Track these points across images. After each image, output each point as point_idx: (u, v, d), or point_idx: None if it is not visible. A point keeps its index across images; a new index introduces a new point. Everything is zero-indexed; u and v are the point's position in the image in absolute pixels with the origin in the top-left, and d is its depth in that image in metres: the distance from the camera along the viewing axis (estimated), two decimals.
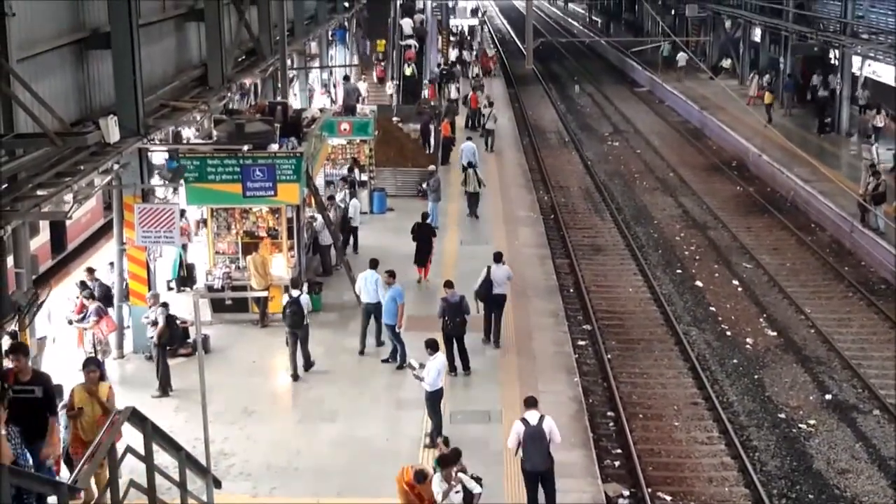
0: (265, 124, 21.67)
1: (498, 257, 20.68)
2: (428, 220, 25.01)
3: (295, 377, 18.53)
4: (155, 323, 17.88)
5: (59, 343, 18.23)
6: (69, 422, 13.31)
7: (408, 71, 43.26)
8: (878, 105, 37.86)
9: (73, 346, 18.37)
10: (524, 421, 13.53)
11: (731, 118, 44.14)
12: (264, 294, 20.80)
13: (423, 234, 24.16)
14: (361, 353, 19.69)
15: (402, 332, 19.00)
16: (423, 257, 23.94)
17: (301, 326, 18.64)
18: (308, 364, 18.86)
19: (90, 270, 19.70)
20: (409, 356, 16.87)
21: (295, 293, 18.89)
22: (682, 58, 58.85)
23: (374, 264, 20.35)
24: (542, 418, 13.53)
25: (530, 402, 13.74)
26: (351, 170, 29.15)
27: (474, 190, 29.79)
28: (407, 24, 47.15)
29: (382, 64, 44.02)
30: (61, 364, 17.11)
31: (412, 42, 46.46)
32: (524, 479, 13.81)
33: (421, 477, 12.71)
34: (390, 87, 41.79)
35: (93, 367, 13.72)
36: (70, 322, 18.38)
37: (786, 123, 42.50)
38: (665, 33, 62.01)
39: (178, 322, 18.60)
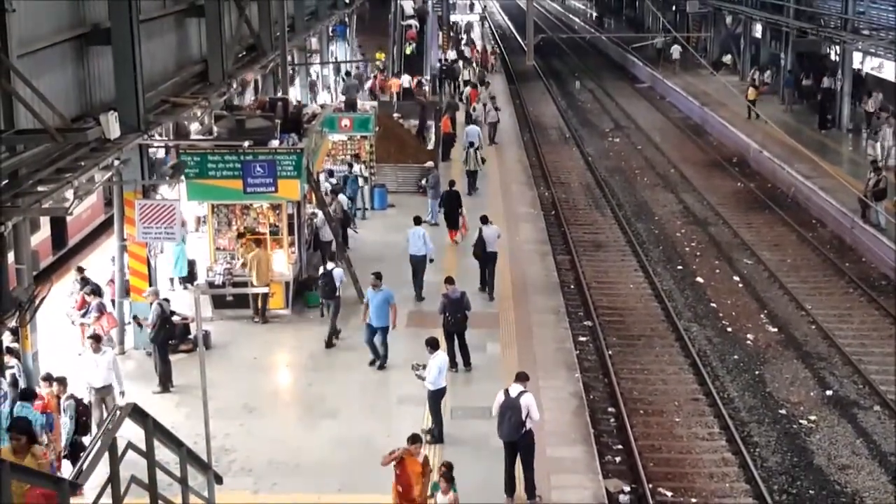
0: (266, 120, 21.66)
1: (484, 220, 23.26)
2: (454, 188, 27.09)
3: (328, 344, 19.82)
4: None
5: (60, 339, 18.24)
6: None
7: (408, 50, 43.45)
8: (868, 91, 37.97)
9: (75, 342, 18.40)
10: (506, 391, 14.11)
11: (732, 114, 44.12)
12: (265, 290, 20.76)
13: (452, 201, 26.58)
14: (419, 297, 22.23)
15: (393, 331, 18.94)
16: (453, 222, 26.49)
17: (333, 297, 20.05)
18: (332, 334, 19.83)
19: (80, 269, 19.64)
20: (412, 361, 16.85)
21: (329, 266, 20.47)
22: (675, 50, 59.03)
23: (417, 221, 23.63)
24: (521, 393, 13.95)
25: (519, 377, 14.36)
26: (351, 166, 29.11)
27: (474, 168, 31.94)
28: (408, 4, 47.54)
29: (384, 74, 43.84)
30: (62, 361, 17.15)
31: (413, 22, 46.93)
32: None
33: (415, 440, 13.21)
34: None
35: (16, 433, 11.01)
36: (71, 320, 18.39)
37: (786, 119, 42.47)
38: (665, 29, 61.98)
39: (173, 318, 18.51)
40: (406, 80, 42.37)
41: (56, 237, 22.73)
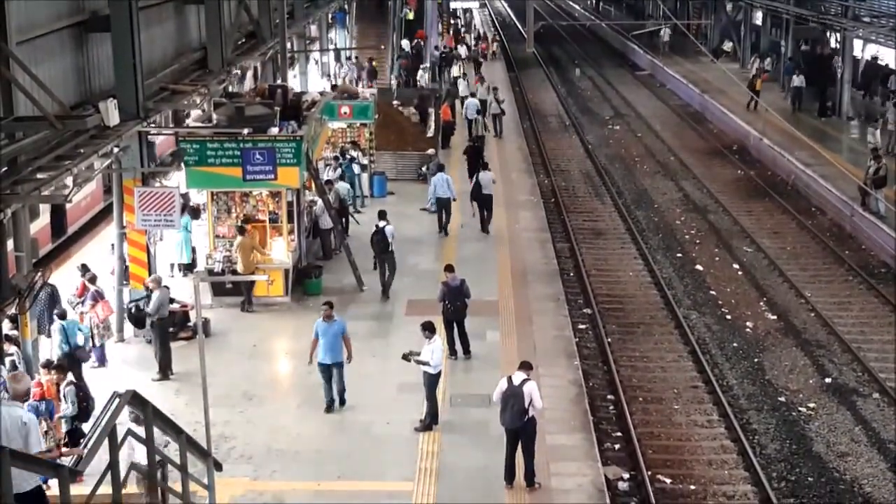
0: (265, 107, 21.63)
1: (485, 166, 27.71)
2: (477, 144, 30.71)
3: (384, 295, 21.47)
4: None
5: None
6: None
7: (410, 15, 43.47)
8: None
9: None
10: (508, 379, 14.12)
11: (733, 102, 44.05)
12: (262, 278, 20.74)
13: (475, 154, 30.76)
14: (442, 231, 25.77)
15: (392, 322, 18.90)
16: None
17: (387, 252, 21.50)
18: (388, 285, 21.59)
19: (84, 267, 19.42)
20: (407, 350, 16.83)
21: (381, 224, 21.77)
22: (665, 32, 59.11)
23: (441, 168, 27.32)
24: (524, 381, 13.94)
25: (523, 365, 14.36)
26: (343, 152, 28.97)
27: (481, 133, 35.24)
28: None
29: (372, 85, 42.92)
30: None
31: None
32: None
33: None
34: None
35: None
36: (73, 305, 18.38)
37: (787, 107, 42.40)
38: (666, 16, 61.89)
39: (172, 305, 18.49)
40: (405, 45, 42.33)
41: (55, 225, 22.72)
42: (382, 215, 22.24)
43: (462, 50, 51.73)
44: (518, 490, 14.12)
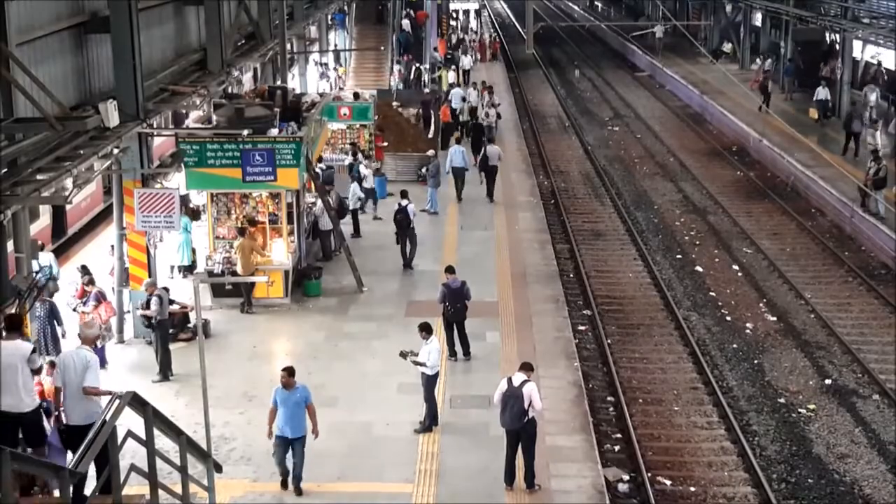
0: (265, 109, 21.63)
1: (491, 140, 33.27)
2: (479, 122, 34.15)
3: (405, 267, 23.18)
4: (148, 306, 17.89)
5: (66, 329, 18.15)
6: None
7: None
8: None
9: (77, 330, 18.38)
10: (508, 380, 14.11)
11: (732, 103, 44.05)
12: (262, 279, 20.74)
13: (478, 132, 34.24)
14: (458, 198, 28.77)
15: (391, 322, 18.88)
16: (478, 148, 31.35)
17: (409, 227, 23.27)
18: (410, 258, 23.32)
19: (84, 268, 19.39)
20: (404, 348, 16.79)
21: (403, 202, 23.50)
22: (658, 29, 59.18)
23: (458, 140, 30.92)
24: (524, 382, 13.94)
25: (523, 366, 14.37)
26: (354, 155, 29.01)
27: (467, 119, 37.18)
28: None
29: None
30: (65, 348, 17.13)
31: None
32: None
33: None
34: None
35: None
36: (74, 308, 18.37)
37: (786, 108, 42.42)
38: (665, 17, 61.88)
39: (172, 307, 18.48)
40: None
41: (56, 225, 22.73)
42: (404, 194, 24.14)
43: (466, 61, 51.02)
44: (518, 491, 14.12)
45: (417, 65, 43.80)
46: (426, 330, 16.01)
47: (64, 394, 11.99)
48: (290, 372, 14.31)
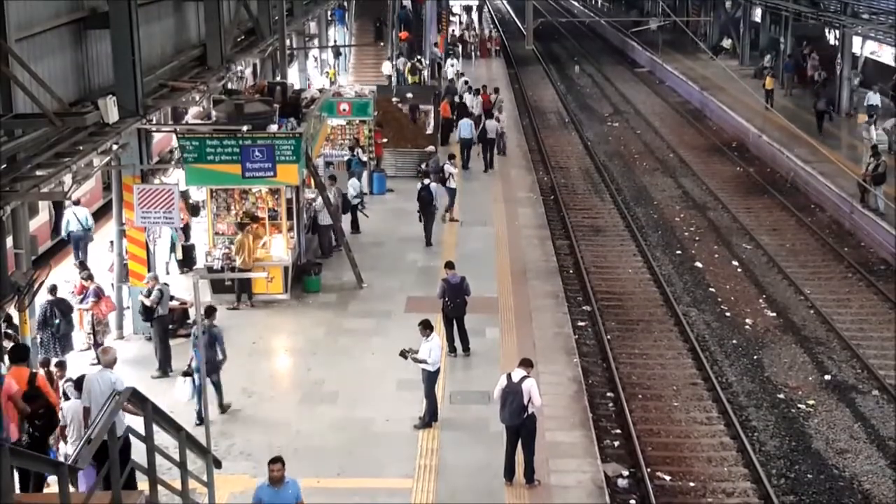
0: (264, 105, 21.61)
1: (489, 115, 34.77)
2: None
3: (427, 244, 24.46)
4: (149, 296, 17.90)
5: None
6: None
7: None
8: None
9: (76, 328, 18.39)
10: (508, 376, 14.12)
11: (732, 99, 44.04)
12: (261, 275, 20.74)
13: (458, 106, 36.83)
14: (465, 167, 31.42)
15: (391, 319, 18.85)
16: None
17: (431, 205, 24.67)
18: (429, 237, 24.68)
19: (82, 264, 19.41)
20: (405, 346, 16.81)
21: (426, 181, 25.01)
22: (652, 22, 59.21)
23: (466, 115, 33.74)
24: (523, 378, 13.95)
25: (523, 362, 14.37)
26: (352, 150, 29.00)
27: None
28: None
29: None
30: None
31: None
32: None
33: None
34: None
35: None
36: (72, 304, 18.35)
37: (786, 104, 42.41)
38: (665, 13, 61.84)
39: (172, 303, 18.49)
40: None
41: (55, 222, 22.71)
42: (427, 174, 26.25)
43: (450, 71, 50.52)
44: (518, 487, 14.13)
45: (419, 56, 43.65)
46: (427, 327, 16.01)
47: (92, 414, 12.40)
48: (282, 462, 11.59)
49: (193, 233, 23.50)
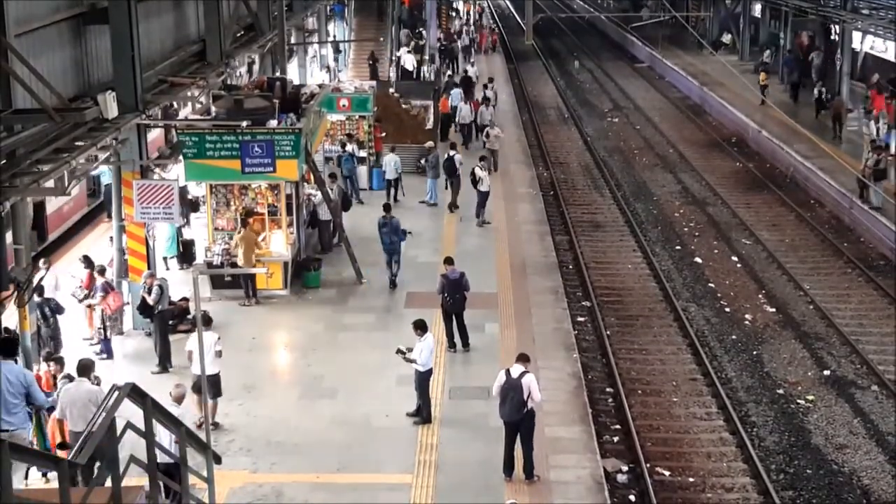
0: (264, 100, 21.60)
1: (486, 103, 36.30)
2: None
3: (451, 208, 26.97)
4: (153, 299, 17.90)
5: (67, 320, 18.13)
6: None
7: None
8: None
9: (83, 323, 18.39)
10: (507, 372, 14.10)
11: (732, 94, 44.02)
12: (261, 271, 20.73)
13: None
14: (466, 146, 32.07)
15: (391, 315, 18.85)
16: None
17: (455, 175, 27.11)
18: (453, 204, 26.85)
19: (86, 258, 19.37)
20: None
21: (451, 153, 27.53)
22: (644, 13, 59.29)
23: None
24: (523, 373, 13.95)
25: (520, 357, 14.37)
26: (343, 145, 28.85)
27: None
28: None
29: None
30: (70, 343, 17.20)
31: None
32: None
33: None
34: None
35: None
36: (79, 299, 18.33)
37: (785, 99, 42.38)
38: (664, 9, 61.80)
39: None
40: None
41: (36, 231, 21.99)
42: (453, 146, 28.69)
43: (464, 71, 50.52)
44: (517, 482, 14.15)
45: (421, 28, 43.56)
46: (420, 327, 15.99)
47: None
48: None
49: (192, 228, 23.48)
